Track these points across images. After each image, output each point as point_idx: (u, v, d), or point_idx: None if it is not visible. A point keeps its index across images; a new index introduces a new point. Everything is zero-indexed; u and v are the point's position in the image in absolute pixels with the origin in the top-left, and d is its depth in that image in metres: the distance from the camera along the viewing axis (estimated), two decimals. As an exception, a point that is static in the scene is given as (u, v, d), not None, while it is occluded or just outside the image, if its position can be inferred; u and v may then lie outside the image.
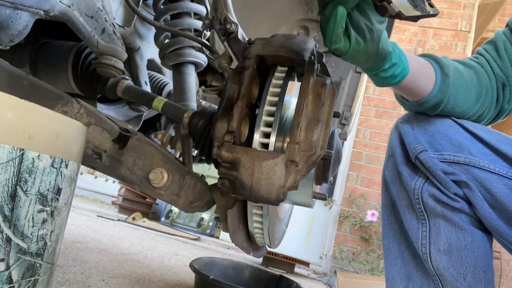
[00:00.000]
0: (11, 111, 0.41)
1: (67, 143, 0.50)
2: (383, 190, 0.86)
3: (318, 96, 0.66)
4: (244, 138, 0.70)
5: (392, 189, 0.81)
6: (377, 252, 3.15)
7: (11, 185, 0.42)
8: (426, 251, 0.75)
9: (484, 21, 4.39)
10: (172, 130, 1.03)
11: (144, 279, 1.49)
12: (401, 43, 3.68)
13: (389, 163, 0.82)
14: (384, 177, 0.85)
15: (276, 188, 0.64)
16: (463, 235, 0.73)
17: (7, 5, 0.63)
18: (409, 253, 0.81)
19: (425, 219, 0.75)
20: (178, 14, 1.08)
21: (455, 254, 0.73)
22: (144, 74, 1.16)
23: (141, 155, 0.79)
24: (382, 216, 0.87)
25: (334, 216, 3.51)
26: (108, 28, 0.85)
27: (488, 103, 0.81)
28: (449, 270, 0.73)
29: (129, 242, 2.32)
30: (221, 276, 1.54)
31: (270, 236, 0.87)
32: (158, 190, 0.81)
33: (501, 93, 0.82)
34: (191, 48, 1.07)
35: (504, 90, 0.82)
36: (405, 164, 0.77)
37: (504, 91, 0.82)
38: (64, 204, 0.52)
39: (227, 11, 0.83)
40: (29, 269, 0.46)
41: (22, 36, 0.69)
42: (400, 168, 0.78)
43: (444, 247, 0.73)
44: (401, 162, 0.78)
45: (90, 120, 0.71)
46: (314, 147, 0.64)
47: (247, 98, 0.68)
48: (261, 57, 0.70)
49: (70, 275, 1.26)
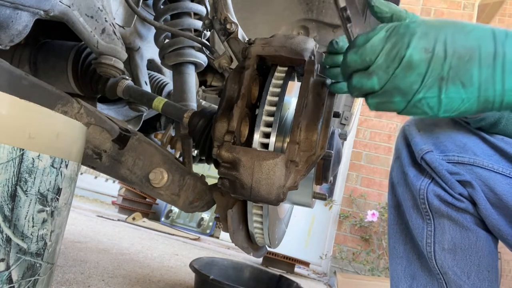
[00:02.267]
0: (11, 111, 0.41)
1: (67, 143, 0.50)
2: (389, 192, 0.86)
3: (318, 96, 0.66)
4: (244, 138, 0.70)
5: (398, 190, 0.82)
6: (377, 252, 3.15)
7: (11, 185, 0.42)
8: (431, 250, 0.76)
9: (484, 21, 4.39)
10: (172, 130, 1.03)
11: (144, 279, 1.48)
12: (401, 43, 3.68)
13: (396, 165, 0.83)
14: (391, 179, 0.85)
15: (276, 188, 0.64)
16: (468, 234, 0.73)
17: (7, 5, 0.63)
18: (414, 253, 0.81)
19: (430, 219, 0.76)
20: (178, 14, 1.08)
21: (459, 253, 0.74)
22: (144, 74, 1.16)
23: (141, 155, 0.79)
24: (388, 217, 0.88)
25: (334, 216, 3.51)
26: (108, 28, 0.85)
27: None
28: (453, 269, 0.74)
29: (129, 242, 2.32)
30: (221, 276, 1.54)
31: (270, 236, 0.87)
32: (158, 190, 0.81)
33: None
34: (191, 48, 1.07)
35: None
36: (411, 166, 0.78)
37: None
38: (64, 204, 0.52)
39: (227, 11, 0.83)
40: (29, 269, 0.46)
41: (22, 36, 0.69)
42: (406, 169, 0.78)
43: (448, 246, 0.74)
44: (407, 163, 0.79)
45: (90, 120, 0.71)
46: (314, 147, 0.64)
47: (247, 98, 0.68)
48: (261, 57, 0.70)
49: (70, 275, 1.26)
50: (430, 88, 0.45)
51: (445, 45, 0.45)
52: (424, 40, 0.46)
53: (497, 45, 0.43)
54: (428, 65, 0.45)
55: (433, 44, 0.45)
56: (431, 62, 0.45)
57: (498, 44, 0.43)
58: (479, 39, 0.44)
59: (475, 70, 0.43)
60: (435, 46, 0.45)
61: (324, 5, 1.29)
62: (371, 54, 0.47)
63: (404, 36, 0.46)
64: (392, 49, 0.46)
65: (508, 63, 0.43)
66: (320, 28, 1.31)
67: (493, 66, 0.43)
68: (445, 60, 0.44)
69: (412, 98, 0.46)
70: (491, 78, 0.43)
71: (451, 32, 0.45)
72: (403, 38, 0.46)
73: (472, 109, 0.46)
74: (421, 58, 0.45)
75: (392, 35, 0.47)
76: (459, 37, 0.45)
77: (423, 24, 0.47)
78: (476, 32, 0.45)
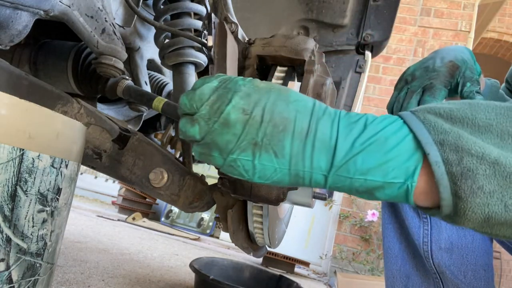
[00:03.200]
0: (11, 111, 0.41)
1: (67, 143, 0.50)
2: None
3: (318, 96, 0.66)
4: (244, 138, 0.70)
5: None
6: (377, 252, 3.15)
7: (11, 185, 0.42)
8: (428, 249, 0.76)
9: (484, 21, 4.39)
10: (172, 130, 1.03)
11: (144, 279, 1.49)
12: (401, 43, 3.68)
13: None
14: None
15: (276, 188, 0.64)
16: (464, 234, 0.74)
17: (7, 5, 0.63)
18: (409, 252, 0.81)
19: (426, 217, 0.76)
20: (178, 14, 1.08)
21: (456, 252, 0.74)
22: (144, 74, 1.16)
23: (141, 155, 0.79)
24: (382, 216, 0.88)
25: (334, 216, 3.51)
26: (108, 28, 0.85)
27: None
28: (450, 268, 0.74)
29: (129, 242, 2.32)
30: (221, 276, 1.54)
31: (270, 236, 0.87)
32: (158, 190, 0.81)
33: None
34: (191, 48, 1.07)
35: None
36: None
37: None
38: (64, 204, 0.52)
39: (227, 11, 0.83)
40: (29, 269, 0.46)
41: (22, 36, 0.69)
42: None
43: (445, 245, 0.74)
44: None
45: (90, 120, 0.71)
46: (314, 147, 0.64)
47: (247, 98, 0.68)
48: (261, 57, 0.71)
49: (70, 275, 1.26)
50: (244, 151, 0.43)
51: (263, 110, 0.43)
52: (245, 100, 0.43)
53: (312, 121, 0.42)
54: (244, 127, 0.43)
55: (252, 107, 0.43)
56: (247, 125, 0.43)
57: (313, 120, 0.42)
58: (297, 111, 0.42)
59: (288, 142, 0.42)
60: (253, 109, 0.43)
61: (324, 5, 1.29)
62: (198, 101, 0.45)
63: (229, 91, 0.44)
64: (216, 102, 0.44)
65: (318, 141, 0.41)
66: (320, 28, 1.31)
67: (304, 141, 0.41)
68: (261, 126, 0.42)
69: (227, 157, 0.44)
70: (302, 154, 0.41)
71: (273, 98, 0.43)
72: (227, 93, 0.44)
73: (285, 181, 0.43)
74: (237, 118, 0.43)
75: (221, 87, 0.45)
76: (279, 105, 0.43)
77: (250, 83, 0.45)
78: (297, 104, 0.43)
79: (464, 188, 0.37)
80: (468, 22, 3.58)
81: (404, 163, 0.40)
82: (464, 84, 0.74)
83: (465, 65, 0.76)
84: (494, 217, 0.37)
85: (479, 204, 0.37)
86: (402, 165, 0.40)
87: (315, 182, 0.43)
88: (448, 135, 0.39)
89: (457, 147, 0.38)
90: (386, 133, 0.41)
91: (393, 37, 3.24)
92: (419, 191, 0.40)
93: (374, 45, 1.23)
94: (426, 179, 0.40)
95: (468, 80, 0.74)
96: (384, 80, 3.61)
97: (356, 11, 1.26)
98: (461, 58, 0.76)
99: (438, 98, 0.73)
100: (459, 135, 0.39)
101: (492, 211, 0.36)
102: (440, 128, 0.40)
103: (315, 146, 0.41)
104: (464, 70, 0.75)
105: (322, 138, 0.41)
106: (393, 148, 0.40)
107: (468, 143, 0.38)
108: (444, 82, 0.74)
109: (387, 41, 1.24)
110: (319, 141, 0.41)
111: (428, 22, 3.66)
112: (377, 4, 1.22)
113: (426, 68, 0.78)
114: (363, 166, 0.40)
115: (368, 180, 0.40)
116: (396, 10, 1.21)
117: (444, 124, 0.40)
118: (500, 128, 0.38)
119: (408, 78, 0.80)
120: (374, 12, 1.23)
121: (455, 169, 0.37)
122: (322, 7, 1.30)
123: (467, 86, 0.73)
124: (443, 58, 0.77)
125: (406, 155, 0.40)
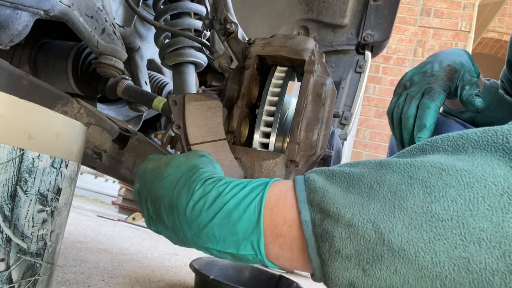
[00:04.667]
0: (11, 111, 0.41)
1: (67, 143, 0.50)
2: None
3: (318, 96, 0.66)
4: (244, 138, 0.70)
5: None
6: (377, 252, 3.15)
7: (11, 185, 0.42)
8: None
9: (484, 21, 4.39)
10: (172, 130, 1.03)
11: (144, 279, 1.49)
12: (401, 43, 3.69)
13: None
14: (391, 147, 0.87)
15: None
16: None
17: (7, 5, 0.63)
18: None
19: None
20: (178, 14, 1.08)
21: None
22: (144, 74, 1.16)
23: (141, 155, 0.79)
24: None
25: (334, 216, 3.51)
26: (108, 28, 0.85)
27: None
28: None
29: (129, 242, 2.32)
30: (221, 276, 1.54)
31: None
32: (158, 190, 0.81)
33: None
34: (191, 48, 1.07)
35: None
36: None
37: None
38: (64, 204, 0.52)
39: (227, 11, 0.83)
40: (29, 269, 0.46)
41: (22, 36, 0.69)
42: None
43: None
44: None
45: (90, 120, 0.71)
46: (314, 147, 0.64)
47: (247, 98, 0.68)
48: (261, 57, 0.71)
49: (70, 275, 1.26)
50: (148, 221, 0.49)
51: (147, 191, 0.49)
52: (138, 183, 0.51)
53: (174, 196, 0.44)
54: (141, 206, 0.50)
55: (141, 189, 0.50)
56: (141, 203, 0.50)
57: (175, 196, 0.44)
58: (164, 188, 0.46)
59: (164, 215, 0.45)
60: (141, 191, 0.50)
61: (324, 5, 1.29)
62: None
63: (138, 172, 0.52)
64: None
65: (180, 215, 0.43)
66: (320, 28, 1.31)
67: (172, 215, 0.44)
68: (148, 203, 0.48)
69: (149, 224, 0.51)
70: (178, 225, 0.44)
71: (152, 178, 0.48)
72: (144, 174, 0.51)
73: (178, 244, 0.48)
74: (136, 199, 0.51)
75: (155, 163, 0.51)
76: (156, 183, 0.47)
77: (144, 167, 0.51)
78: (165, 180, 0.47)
79: (324, 250, 0.35)
80: (468, 22, 3.58)
81: (249, 237, 0.39)
82: (463, 87, 0.74)
83: (463, 68, 0.76)
84: (356, 282, 0.34)
85: (339, 269, 0.34)
86: (248, 238, 0.39)
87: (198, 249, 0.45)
88: (316, 194, 0.38)
89: (320, 207, 0.36)
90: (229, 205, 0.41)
91: (393, 37, 3.24)
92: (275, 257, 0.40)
93: (374, 45, 1.23)
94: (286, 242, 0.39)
95: (467, 83, 0.74)
96: (384, 80, 3.61)
97: (356, 11, 1.26)
98: (459, 62, 0.76)
99: (437, 101, 0.73)
100: (324, 193, 0.37)
101: (353, 276, 0.34)
102: (312, 187, 0.38)
103: (180, 219, 0.44)
104: (463, 74, 0.75)
105: (181, 212, 0.43)
106: (238, 221, 0.40)
107: (328, 203, 0.36)
108: (443, 86, 0.75)
109: (387, 41, 1.24)
110: (180, 215, 0.43)
111: (428, 22, 3.66)
112: (377, 4, 1.22)
113: (424, 73, 0.78)
114: (220, 237, 0.41)
115: (225, 253, 0.42)
116: (396, 10, 1.21)
117: (319, 182, 0.39)
118: (370, 178, 0.36)
119: (407, 84, 0.80)
120: (374, 12, 1.23)
121: (318, 230, 0.36)
122: (322, 7, 1.30)
123: (466, 89, 0.73)
124: (441, 62, 0.77)
125: (250, 228, 0.39)
